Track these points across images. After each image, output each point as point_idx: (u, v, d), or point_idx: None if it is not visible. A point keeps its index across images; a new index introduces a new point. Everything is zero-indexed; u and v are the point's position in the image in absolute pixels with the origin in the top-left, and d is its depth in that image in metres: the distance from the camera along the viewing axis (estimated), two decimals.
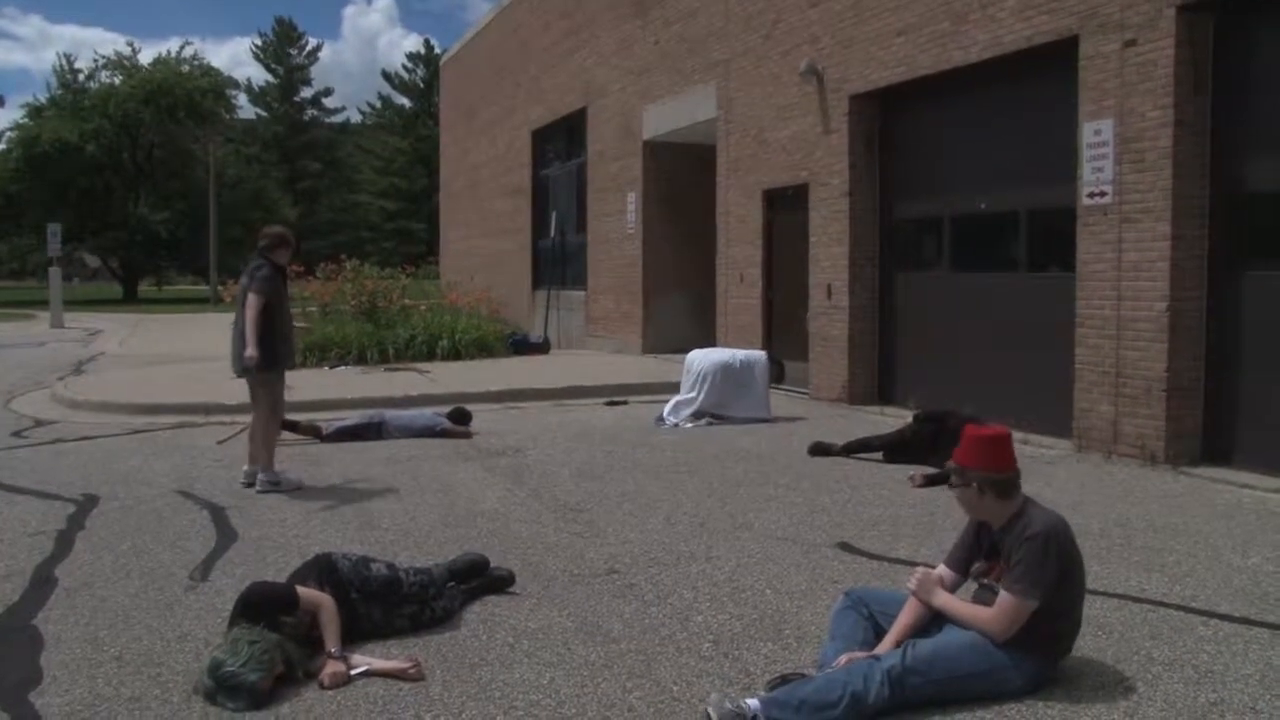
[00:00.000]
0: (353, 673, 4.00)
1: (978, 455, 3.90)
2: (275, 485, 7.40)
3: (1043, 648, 3.75)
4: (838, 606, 4.07)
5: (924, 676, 3.56)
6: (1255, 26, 7.61)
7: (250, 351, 7.23)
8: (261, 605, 4.09)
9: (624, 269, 17.55)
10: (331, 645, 4.08)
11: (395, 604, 4.52)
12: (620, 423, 10.66)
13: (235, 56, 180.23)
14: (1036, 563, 3.68)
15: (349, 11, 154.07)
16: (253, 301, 7.26)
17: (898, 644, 3.74)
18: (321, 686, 3.89)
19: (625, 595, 4.96)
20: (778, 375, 11.18)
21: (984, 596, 3.85)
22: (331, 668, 3.97)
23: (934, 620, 3.87)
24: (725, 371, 10.61)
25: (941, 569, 4.02)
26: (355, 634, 4.31)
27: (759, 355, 11.01)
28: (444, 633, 4.46)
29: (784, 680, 3.69)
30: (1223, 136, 7.79)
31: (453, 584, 4.92)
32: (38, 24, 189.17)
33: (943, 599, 3.85)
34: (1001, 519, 3.86)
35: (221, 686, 3.75)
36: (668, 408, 10.62)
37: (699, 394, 10.55)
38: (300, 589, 4.22)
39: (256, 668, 3.78)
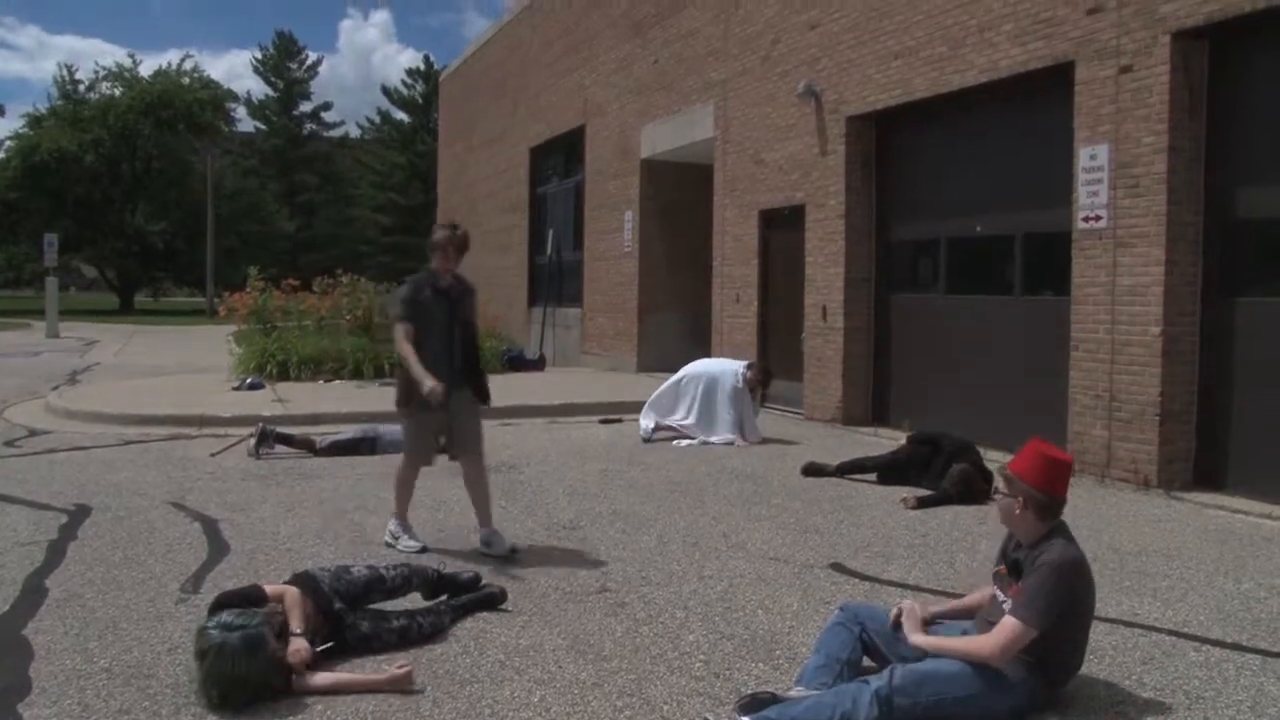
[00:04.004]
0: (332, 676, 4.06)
1: (1037, 472, 3.87)
2: (395, 539, 6.27)
3: (1041, 676, 3.74)
4: (831, 620, 4.09)
5: (911, 698, 3.56)
6: (1250, 54, 7.67)
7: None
8: (233, 598, 4.22)
9: (620, 287, 17.57)
10: (296, 626, 4.16)
11: (381, 612, 4.55)
12: (614, 441, 10.66)
13: (232, 69, 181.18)
14: (1042, 592, 3.68)
15: (345, 26, 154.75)
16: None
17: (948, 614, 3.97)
18: (294, 665, 3.98)
19: (617, 614, 4.96)
20: (764, 382, 10.85)
21: (995, 615, 3.85)
22: (295, 645, 4.06)
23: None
24: (705, 392, 10.55)
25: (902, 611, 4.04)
26: (343, 647, 4.31)
27: (730, 374, 10.65)
28: (435, 648, 4.45)
29: (754, 699, 3.69)
30: (1217, 163, 7.84)
31: (444, 599, 4.92)
32: (36, 34, 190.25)
33: (918, 639, 3.85)
34: (1031, 537, 3.88)
35: (226, 628, 3.88)
36: (649, 428, 10.62)
37: (687, 415, 10.56)
38: (266, 585, 4.35)
39: (260, 620, 3.99)
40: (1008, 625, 3.68)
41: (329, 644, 4.28)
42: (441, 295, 6.17)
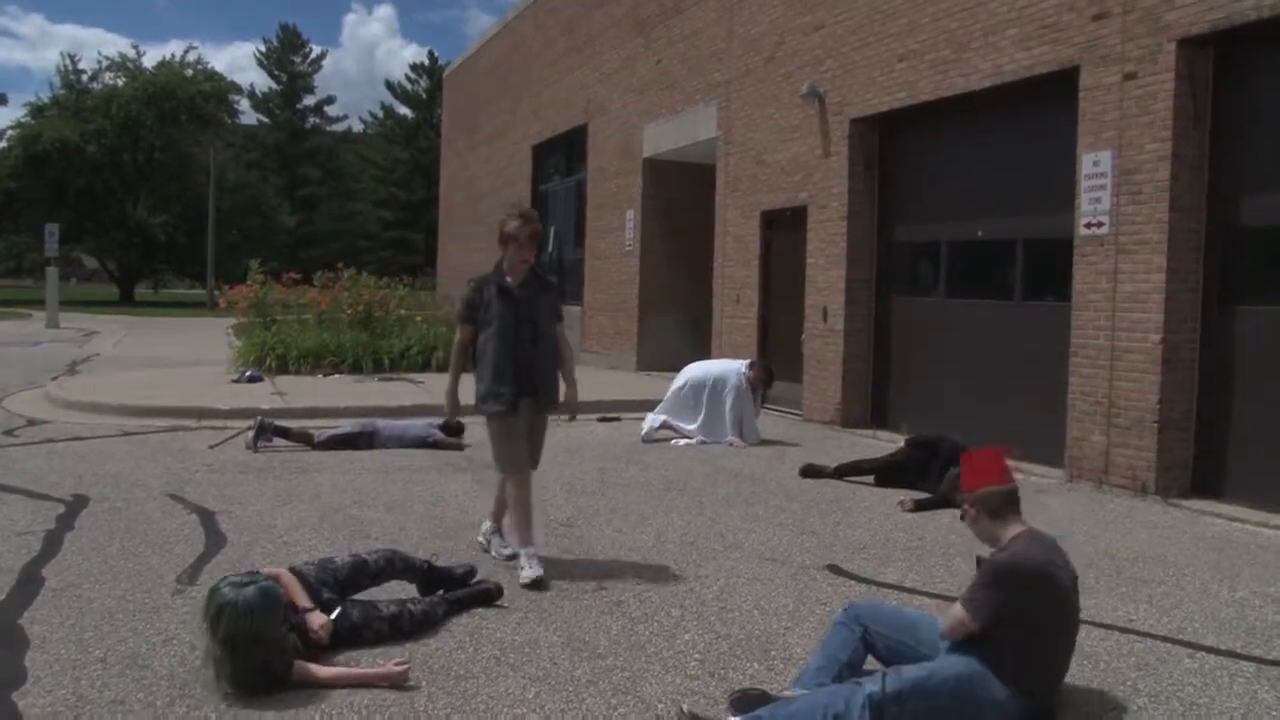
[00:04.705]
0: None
1: (968, 474, 3.92)
2: (500, 551, 5.87)
3: (1026, 682, 3.72)
4: (835, 619, 4.05)
5: (901, 705, 3.54)
6: (1255, 61, 7.67)
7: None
8: (231, 577, 4.24)
9: (620, 286, 17.57)
10: (305, 602, 4.25)
11: (372, 601, 4.57)
12: (613, 439, 10.65)
13: (235, 62, 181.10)
14: (979, 586, 3.72)
15: (349, 20, 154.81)
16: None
17: None
18: (318, 638, 4.14)
19: (613, 612, 4.96)
20: (766, 382, 10.86)
21: None
22: (314, 621, 4.18)
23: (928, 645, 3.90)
24: (710, 396, 10.53)
25: None
26: (335, 637, 4.31)
27: (732, 374, 10.66)
28: (430, 644, 4.45)
29: (744, 695, 3.71)
30: (1220, 171, 7.84)
31: (440, 593, 4.93)
32: (38, 23, 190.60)
33: None
34: (999, 540, 3.86)
35: (237, 586, 3.96)
36: (655, 424, 10.60)
37: (692, 421, 10.55)
38: (261, 570, 4.42)
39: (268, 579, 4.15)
40: (954, 609, 3.77)
41: (339, 609, 4.33)
42: (506, 293, 5.60)
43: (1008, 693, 3.64)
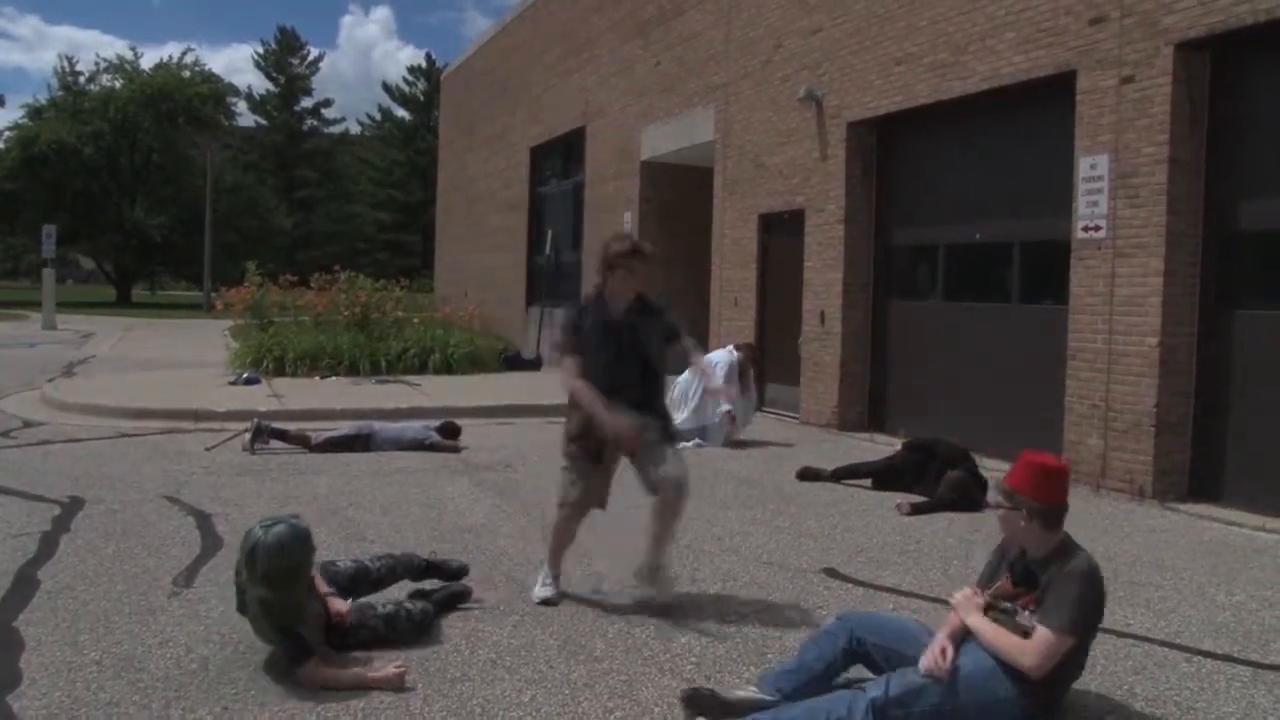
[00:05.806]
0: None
1: (1034, 482, 3.79)
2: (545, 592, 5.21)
3: (1040, 687, 3.69)
4: (825, 627, 4.03)
5: (906, 709, 3.52)
6: (1252, 65, 7.68)
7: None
8: (261, 520, 4.31)
9: None
10: (322, 587, 4.36)
11: (368, 602, 4.58)
12: None
13: (233, 64, 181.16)
14: (1079, 601, 3.63)
15: (346, 21, 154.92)
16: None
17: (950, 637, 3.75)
18: (340, 621, 4.27)
19: (609, 614, 4.96)
20: (754, 361, 10.83)
21: (1000, 620, 3.76)
22: (337, 605, 4.30)
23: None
24: (698, 382, 10.45)
25: (970, 590, 3.96)
26: (333, 638, 4.31)
27: (720, 353, 10.70)
28: (426, 647, 4.44)
29: (695, 692, 3.80)
30: (1217, 175, 7.85)
31: (431, 583, 5.00)
32: (35, 24, 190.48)
33: (976, 619, 3.76)
34: (1042, 549, 3.79)
35: (267, 526, 4.07)
36: None
37: (682, 410, 10.52)
38: None
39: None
40: (1047, 636, 3.58)
41: (349, 598, 4.42)
42: (610, 326, 5.04)
43: (1016, 691, 3.62)
